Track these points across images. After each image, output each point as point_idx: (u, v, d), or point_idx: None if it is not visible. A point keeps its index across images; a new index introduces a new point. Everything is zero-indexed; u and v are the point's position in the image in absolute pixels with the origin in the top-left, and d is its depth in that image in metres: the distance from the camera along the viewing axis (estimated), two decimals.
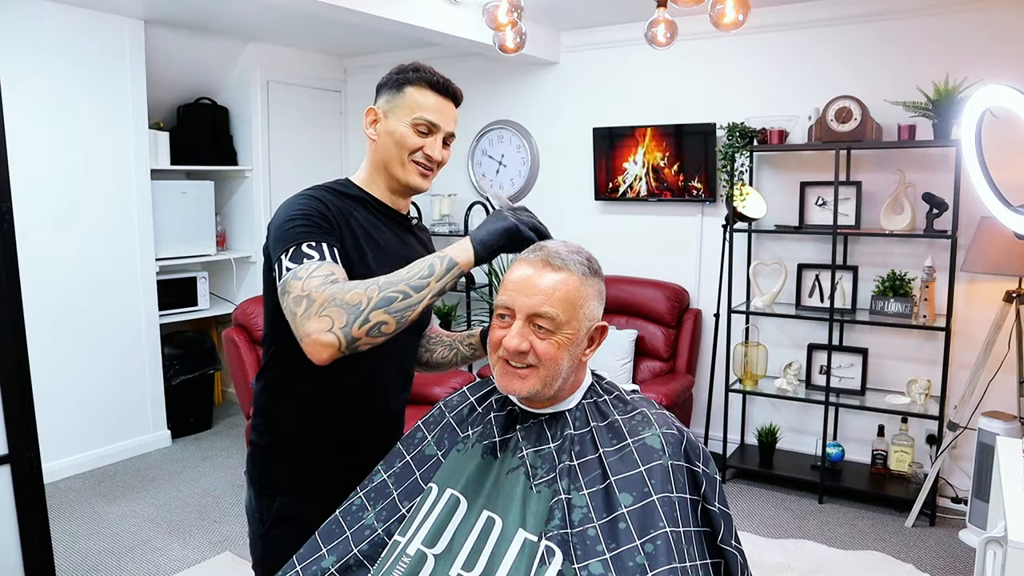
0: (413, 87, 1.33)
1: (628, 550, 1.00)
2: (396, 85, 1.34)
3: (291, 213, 1.24)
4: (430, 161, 1.35)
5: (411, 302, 1.12)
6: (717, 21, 2.26)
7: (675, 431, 1.12)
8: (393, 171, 1.35)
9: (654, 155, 3.98)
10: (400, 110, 1.33)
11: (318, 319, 1.09)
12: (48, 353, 3.50)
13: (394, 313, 1.11)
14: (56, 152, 3.55)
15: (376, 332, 1.11)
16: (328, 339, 1.08)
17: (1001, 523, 1.61)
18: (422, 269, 1.14)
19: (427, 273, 1.14)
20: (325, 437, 1.37)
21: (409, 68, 1.34)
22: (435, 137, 1.34)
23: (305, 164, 4.82)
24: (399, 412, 1.49)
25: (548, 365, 1.10)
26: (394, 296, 1.11)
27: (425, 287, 1.13)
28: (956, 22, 3.22)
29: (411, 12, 3.25)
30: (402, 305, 1.12)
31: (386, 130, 1.33)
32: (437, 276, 1.14)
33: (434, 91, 1.34)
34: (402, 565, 1.08)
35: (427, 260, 1.16)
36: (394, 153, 1.33)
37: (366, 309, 1.09)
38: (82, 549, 2.99)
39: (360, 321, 1.09)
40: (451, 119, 1.37)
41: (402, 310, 1.12)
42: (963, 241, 3.18)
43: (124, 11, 3.68)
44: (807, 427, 3.78)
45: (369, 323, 1.09)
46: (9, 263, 1.90)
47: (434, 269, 1.14)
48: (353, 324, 1.09)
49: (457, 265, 1.15)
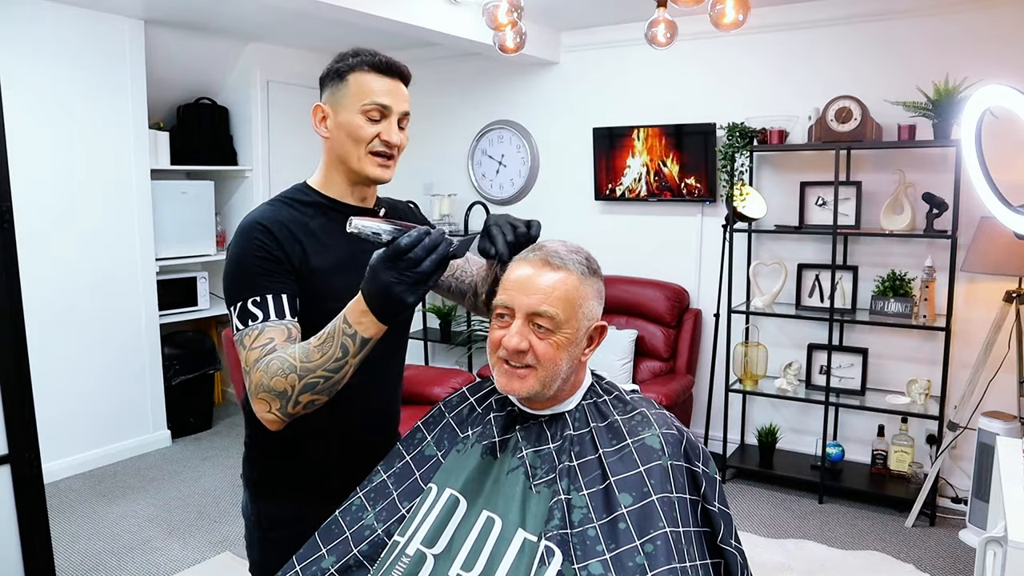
0: (356, 73, 1.25)
1: (628, 550, 1.00)
2: (338, 75, 1.27)
3: (240, 255, 1.22)
4: (389, 147, 1.28)
5: (334, 380, 1.13)
6: (717, 21, 2.26)
7: (675, 431, 1.12)
8: (351, 165, 1.28)
9: (654, 155, 3.98)
10: (347, 99, 1.25)
11: (258, 401, 1.15)
12: (48, 353, 3.50)
13: (320, 392, 1.14)
14: (56, 152, 3.55)
15: (312, 406, 1.15)
16: (270, 418, 1.15)
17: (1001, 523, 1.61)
18: (335, 350, 1.11)
19: (341, 355, 1.12)
20: (318, 439, 1.36)
21: (348, 54, 1.27)
22: (389, 121, 1.27)
23: (305, 164, 4.74)
24: (393, 412, 1.48)
25: (547, 366, 1.10)
26: (316, 381, 1.12)
27: (343, 366, 1.13)
28: (956, 22, 3.22)
29: (411, 12, 3.25)
30: (326, 385, 1.13)
31: (337, 124, 1.27)
32: (353, 354, 1.12)
33: (379, 73, 1.26)
34: (401, 565, 1.08)
35: (337, 339, 1.11)
36: (350, 147, 1.27)
37: (292, 395, 1.12)
38: (82, 549, 2.99)
39: (291, 404, 1.13)
40: (403, 99, 1.29)
41: (328, 387, 1.14)
42: (963, 241, 3.17)
43: (124, 11, 3.68)
44: (807, 427, 3.78)
45: (300, 403, 1.13)
46: (9, 263, 1.90)
47: (347, 349, 1.11)
48: (287, 406, 1.13)
49: (370, 341, 1.12)
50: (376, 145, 1.27)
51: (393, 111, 1.27)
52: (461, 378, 3.49)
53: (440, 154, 4.68)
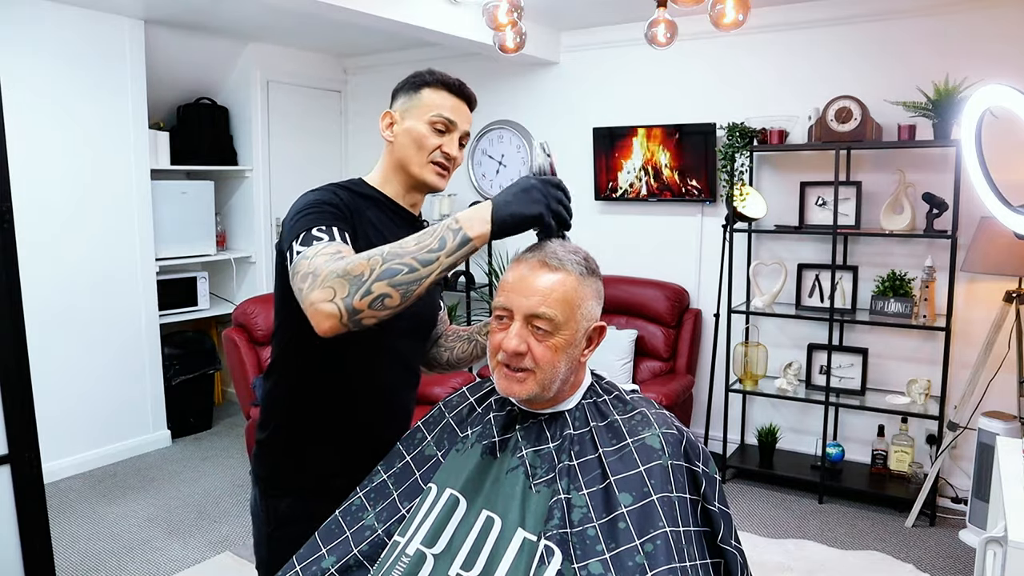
0: (430, 88, 1.37)
1: (628, 550, 1.00)
2: (413, 87, 1.38)
3: (303, 205, 1.25)
4: (447, 159, 1.37)
5: (417, 276, 1.06)
6: (717, 21, 2.26)
7: (675, 431, 1.12)
8: (411, 170, 1.36)
9: (654, 155, 3.98)
10: (417, 110, 1.36)
11: (321, 290, 1.06)
12: (48, 353, 3.50)
13: (398, 286, 1.06)
14: (56, 152, 3.55)
15: (379, 305, 1.06)
16: (329, 309, 1.05)
17: (1001, 523, 1.61)
18: (432, 241, 1.07)
19: (437, 247, 1.07)
20: (332, 436, 1.37)
21: (425, 72, 1.39)
22: (452, 135, 1.37)
23: (305, 164, 4.82)
24: (406, 412, 1.49)
25: (545, 369, 1.10)
26: (399, 268, 1.05)
27: (434, 261, 1.07)
28: (956, 22, 3.22)
29: (411, 12, 3.25)
30: (407, 279, 1.06)
31: (404, 130, 1.36)
32: (448, 251, 1.07)
33: (450, 92, 1.37)
34: (401, 565, 1.08)
35: (438, 230, 1.09)
36: (412, 152, 1.36)
37: (368, 280, 1.04)
38: (82, 549, 2.99)
39: (362, 292, 1.04)
40: (466, 119, 1.40)
41: (407, 283, 1.06)
42: (963, 241, 3.18)
43: (124, 11, 3.68)
44: (807, 427, 3.78)
45: (372, 295, 1.04)
46: (9, 263, 1.90)
47: (445, 243, 1.07)
48: (355, 295, 1.04)
49: (471, 242, 1.08)
50: (437, 155, 1.36)
51: (457, 127, 1.38)
52: (461, 378, 3.49)
53: None
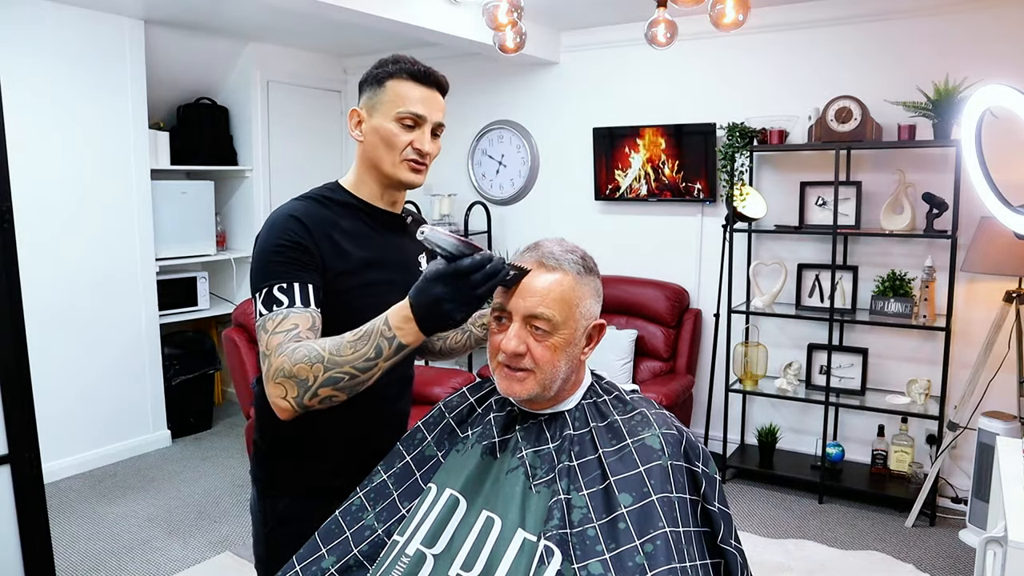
0: (394, 80, 1.28)
1: (628, 550, 1.00)
2: (377, 80, 1.30)
3: (271, 243, 1.23)
4: (421, 155, 1.31)
5: (359, 380, 1.11)
6: (717, 21, 2.26)
7: (674, 431, 1.12)
8: (384, 169, 1.31)
9: (654, 155, 3.98)
10: (383, 106, 1.28)
11: (274, 385, 1.12)
12: (48, 353, 3.50)
13: (342, 390, 1.11)
14: (56, 152, 3.55)
15: (328, 402, 1.13)
16: (284, 405, 1.12)
17: (1001, 523, 1.61)
18: (368, 349, 1.10)
19: (374, 355, 1.10)
20: (326, 437, 1.37)
21: (388, 61, 1.30)
22: (422, 129, 1.30)
23: (305, 164, 4.82)
24: (402, 413, 1.49)
25: (545, 368, 1.10)
26: (340, 376, 1.10)
27: (372, 367, 1.11)
28: (956, 22, 3.22)
29: (411, 12, 3.25)
30: (350, 383, 1.11)
31: (371, 128, 1.30)
32: (386, 357, 1.10)
33: (417, 82, 1.29)
34: (401, 565, 1.08)
35: (373, 336, 1.10)
36: (383, 152, 1.30)
37: (313, 386, 1.10)
38: (82, 549, 2.99)
39: (309, 395, 1.11)
40: (438, 109, 1.32)
41: (351, 387, 1.12)
42: (963, 241, 3.18)
43: (124, 11, 3.68)
44: (807, 427, 3.78)
45: (318, 396, 1.11)
46: (9, 263, 1.90)
47: (382, 351, 1.10)
48: (304, 396, 1.11)
49: (407, 347, 1.11)
50: (409, 153, 1.30)
51: (428, 120, 1.30)
52: (461, 378, 3.49)
53: (440, 154, 4.64)
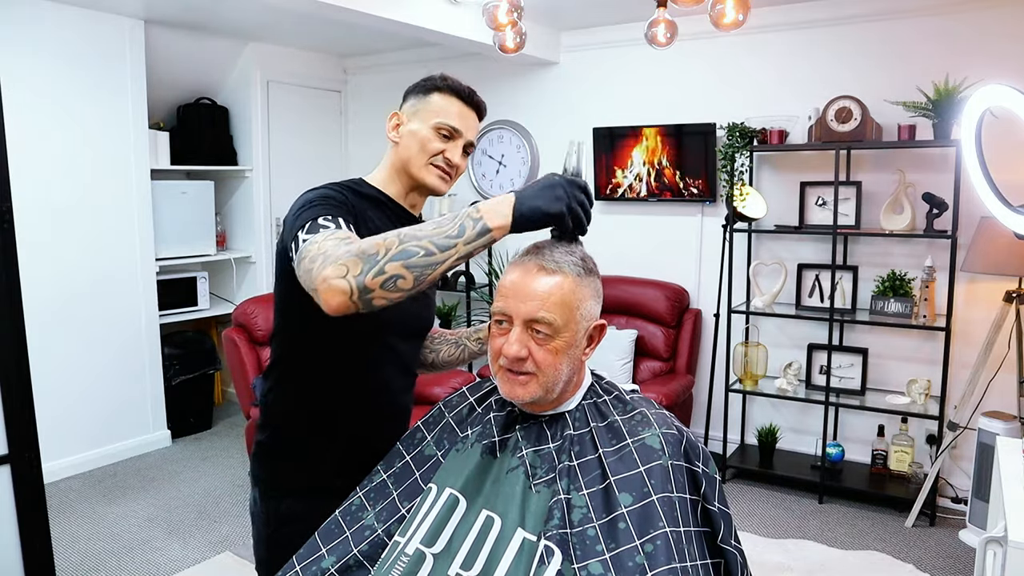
0: (440, 94, 1.37)
1: (628, 550, 1.00)
2: (424, 91, 1.38)
3: (306, 201, 1.25)
4: (449, 166, 1.37)
5: (433, 260, 1.04)
6: (717, 21, 2.26)
7: (675, 431, 1.12)
8: (413, 172, 1.36)
9: (654, 155, 3.98)
10: (424, 114, 1.36)
11: (334, 267, 1.03)
12: (48, 353, 3.50)
13: (412, 268, 1.04)
14: (56, 152, 3.55)
15: (391, 285, 1.03)
16: (341, 285, 1.02)
17: (1001, 523, 1.61)
18: (451, 227, 1.05)
19: (456, 233, 1.05)
20: (332, 438, 1.37)
21: (438, 77, 1.39)
22: (456, 143, 1.37)
23: (305, 164, 4.82)
24: (404, 412, 1.49)
25: (547, 372, 1.10)
26: (415, 251, 1.03)
27: (451, 247, 1.05)
28: (956, 22, 3.22)
29: (411, 12, 3.25)
30: (422, 261, 1.04)
31: (409, 132, 1.36)
32: (467, 239, 1.05)
33: (459, 99, 1.37)
34: (401, 564, 1.08)
35: (459, 217, 1.07)
36: (415, 154, 1.35)
37: (383, 259, 1.03)
38: (82, 549, 2.99)
39: (375, 271, 1.02)
40: (473, 128, 1.40)
41: (422, 267, 1.04)
42: (963, 241, 3.17)
43: (124, 11, 3.68)
44: (807, 427, 3.78)
45: (384, 274, 1.02)
46: (9, 263, 1.90)
47: (464, 230, 1.05)
48: (368, 273, 1.02)
49: (490, 232, 1.06)
50: (438, 160, 1.36)
51: (462, 136, 1.37)
52: (461, 378, 3.49)
53: None
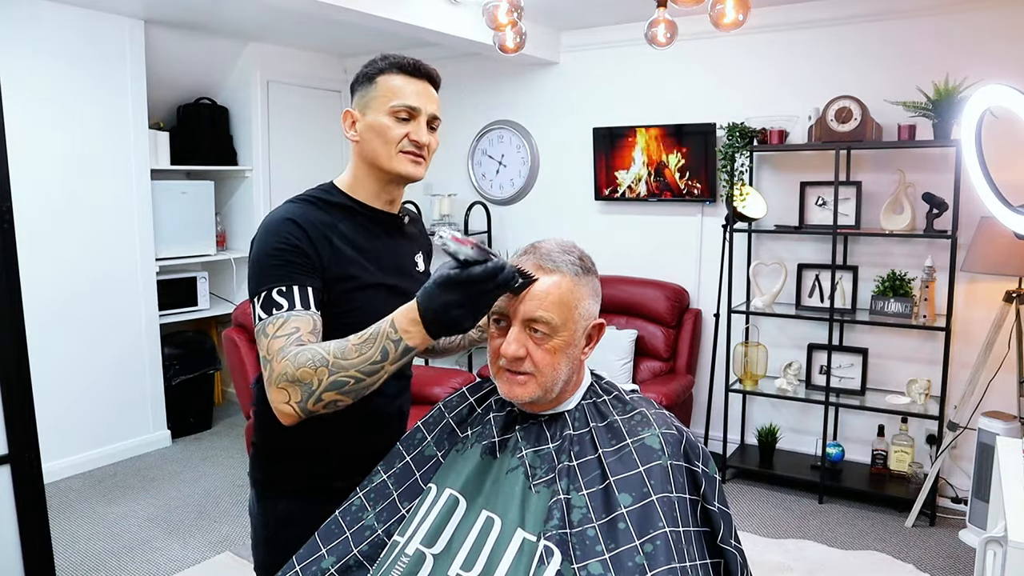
0: (385, 75, 1.29)
1: (627, 550, 1.00)
2: (367, 78, 1.31)
3: (268, 247, 1.22)
4: (418, 147, 1.29)
5: (364, 384, 1.09)
6: (717, 21, 2.26)
7: (674, 431, 1.12)
8: (382, 165, 1.30)
9: (654, 155, 3.98)
10: (376, 101, 1.29)
11: (277, 390, 1.10)
12: (48, 353, 3.50)
13: (347, 394, 1.10)
14: (56, 152, 3.55)
15: (332, 407, 1.11)
16: (287, 410, 1.11)
17: (1001, 523, 1.61)
18: (374, 352, 1.08)
19: (380, 357, 1.08)
20: (324, 438, 1.36)
21: (377, 59, 1.31)
22: (417, 121, 1.29)
23: (305, 164, 4.82)
24: (400, 413, 1.49)
25: (545, 372, 1.10)
26: (345, 380, 1.08)
27: (379, 371, 1.09)
28: (956, 22, 3.22)
29: (411, 12, 3.25)
30: (354, 387, 1.09)
31: (366, 126, 1.29)
32: (392, 360, 1.09)
33: (407, 75, 1.29)
34: (401, 565, 1.08)
35: (379, 339, 1.08)
36: (379, 147, 1.29)
37: (317, 390, 1.08)
38: (82, 549, 2.99)
39: (313, 399, 1.09)
40: (431, 100, 1.31)
41: (355, 391, 1.10)
42: (963, 241, 3.17)
43: (124, 11, 3.68)
44: (807, 427, 3.78)
45: (323, 401, 1.09)
46: (9, 263, 1.90)
47: (388, 353, 1.08)
48: (307, 401, 1.09)
49: (413, 350, 1.09)
50: (405, 145, 1.29)
51: (422, 112, 1.30)
52: (461, 378, 3.49)
53: (440, 154, 4.66)
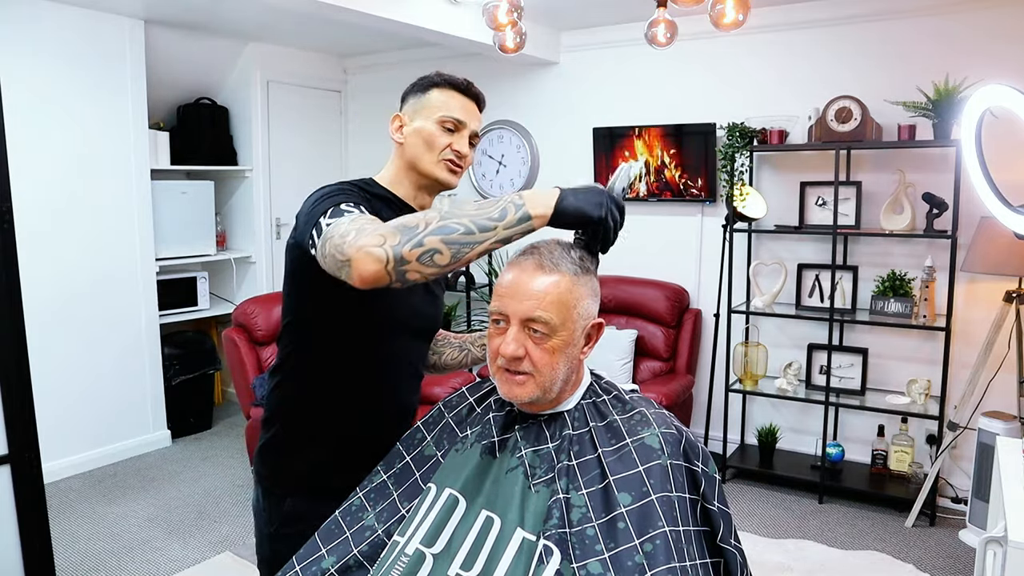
0: (438, 89, 1.39)
1: (627, 549, 1.00)
2: (422, 88, 1.40)
3: (322, 192, 1.26)
4: (459, 158, 1.38)
5: (472, 239, 1.05)
6: (717, 21, 2.26)
7: (674, 430, 1.12)
8: (423, 169, 1.37)
9: (654, 155, 3.98)
10: (426, 110, 1.37)
11: (372, 236, 1.04)
12: (48, 353, 3.50)
13: (451, 245, 1.04)
14: (56, 152, 3.55)
15: (428, 260, 1.03)
16: (377, 253, 1.02)
17: (1001, 523, 1.61)
18: (493, 210, 1.06)
19: (497, 216, 1.06)
20: (337, 435, 1.37)
21: (434, 74, 1.41)
22: (461, 134, 1.38)
23: (305, 164, 4.82)
24: (411, 412, 1.49)
25: (543, 371, 1.10)
26: (455, 227, 1.04)
27: (491, 229, 1.05)
28: (956, 22, 3.22)
29: (411, 12, 3.25)
30: (461, 239, 1.04)
31: (413, 131, 1.37)
32: (507, 223, 1.06)
33: (458, 92, 1.39)
34: (400, 564, 1.08)
35: (501, 202, 1.08)
36: (423, 151, 1.37)
37: (422, 232, 1.03)
38: (82, 549, 2.99)
39: (414, 243, 1.02)
40: (475, 118, 1.42)
41: (460, 244, 1.04)
42: (963, 241, 3.17)
43: (124, 11, 3.68)
44: (807, 427, 3.78)
45: (423, 247, 1.03)
46: (9, 263, 1.90)
47: (506, 214, 1.06)
48: (406, 244, 1.02)
49: (531, 220, 1.07)
50: (447, 154, 1.37)
51: (467, 126, 1.39)
52: (461, 378, 3.49)
53: None
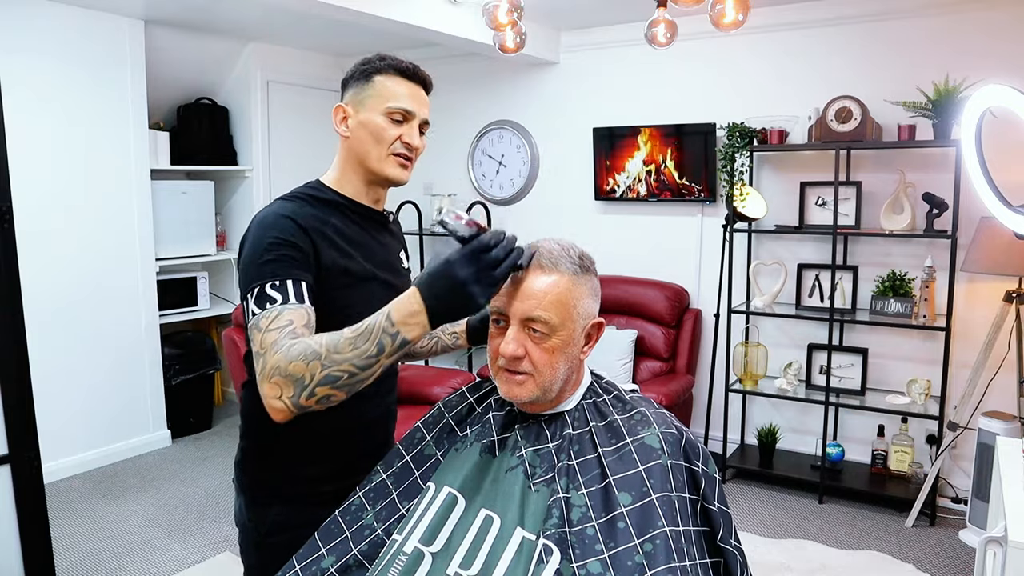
0: (382, 76, 1.29)
1: (627, 549, 1.00)
2: (364, 76, 1.30)
3: (262, 242, 1.21)
4: (409, 149, 1.31)
5: (358, 378, 1.07)
6: (717, 21, 2.26)
7: (674, 430, 1.12)
8: (371, 165, 1.30)
9: (654, 155, 3.98)
10: (371, 100, 1.29)
11: (270, 385, 1.08)
12: (48, 353, 3.50)
13: (340, 388, 1.07)
14: (56, 152, 3.55)
15: (325, 402, 1.08)
16: (279, 405, 1.07)
17: (1001, 523, 1.61)
18: (370, 347, 1.05)
19: (375, 352, 1.05)
20: (313, 442, 1.35)
21: (375, 58, 1.31)
22: (411, 124, 1.31)
23: (305, 164, 4.81)
24: (389, 415, 1.47)
25: (543, 371, 1.10)
26: (338, 375, 1.05)
27: (374, 364, 1.06)
28: (956, 22, 3.22)
29: (411, 12, 3.25)
30: (348, 382, 1.06)
31: (359, 123, 1.29)
32: (388, 353, 1.06)
33: (404, 78, 1.30)
34: (399, 563, 1.08)
35: (374, 332, 1.06)
36: (371, 146, 1.29)
37: (310, 384, 1.06)
38: (82, 549, 2.99)
39: (306, 394, 1.06)
40: (424, 105, 1.33)
41: (349, 385, 1.07)
42: (963, 241, 3.17)
43: (124, 11, 3.68)
44: (807, 427, 3.78)
45: (315, 396, 1.06)
46: (9, 263, 1.90)
47: (383, 348, 1.05)
48: (300, 396, 1.06)
49: (409, 343, 1.06)
50: (397, 147, 1.30)
51: (416, 116, 1.31)
52: (461, 378, 3.49)
53: (440, 154, 4.66)
